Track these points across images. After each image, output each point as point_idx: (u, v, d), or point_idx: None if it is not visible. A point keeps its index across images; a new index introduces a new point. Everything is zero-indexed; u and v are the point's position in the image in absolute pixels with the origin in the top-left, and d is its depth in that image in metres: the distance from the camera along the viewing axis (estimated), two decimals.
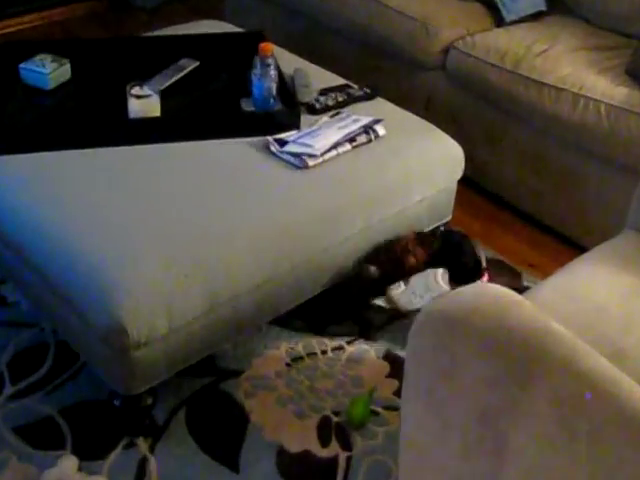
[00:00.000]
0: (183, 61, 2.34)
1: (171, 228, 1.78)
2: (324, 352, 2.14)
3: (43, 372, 2.02)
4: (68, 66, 2.27)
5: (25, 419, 1.90)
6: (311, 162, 2.01)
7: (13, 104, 2.16)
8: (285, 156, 2.02)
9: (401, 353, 2.13)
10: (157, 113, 2.12)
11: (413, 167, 2.15)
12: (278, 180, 1.96)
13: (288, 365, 2.09)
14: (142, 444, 1.85)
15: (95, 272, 1.67)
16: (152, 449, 1.84)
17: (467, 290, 1.16)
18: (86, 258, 1.70)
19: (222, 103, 2.21)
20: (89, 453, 1.82)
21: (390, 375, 2.10)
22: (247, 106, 2.18)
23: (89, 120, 2.14)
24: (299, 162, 2.01)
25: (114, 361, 1.72)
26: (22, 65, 2.24)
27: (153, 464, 1.80)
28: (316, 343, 2.17)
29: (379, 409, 2.00)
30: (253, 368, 2.07)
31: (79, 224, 1.77)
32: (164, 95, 2.18)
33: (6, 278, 2.22)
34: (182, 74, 2.28)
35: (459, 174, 2.31)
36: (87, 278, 1.68)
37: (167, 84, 2.22)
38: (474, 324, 1.06)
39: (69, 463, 1.76)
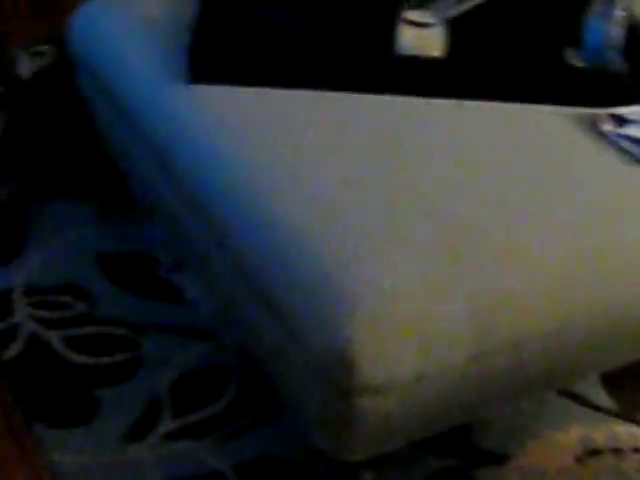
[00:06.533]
0: None
1: (444, 214, 1.69)
2: (638, 450, 1.98)
3: (219, 408, 1.98)
4: None
5: (184, 471, 1.86)
6: None
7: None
8: (623, 141, 1.86)
9: None
10: (438, 52, 1.99)
11: None
12: (608, 176, 1.83)
13: (578, 460, 1.96)
14: None
15: (321, 268, 1.59)
16: None
17: None
18: (309, 245, 1.64)
19: (535, 50, 2.08)
20: None
21: None
22: (574, 59, 2.04)
23: (337, 52, 2.01)
24: None
25: (329, 407, 1.63)
26: None
27: None
28: (626, 434, 2.01)
29: None
30: (527, 455, 1.95)
31: (302, 194, 1.74)
32: (451, 27, 2.05)
33: (183, 261, 2.23)
34: (477, 0, 2.15)
35: None
36: (308, 275, 1.59)
37: (456, 12, 2.10)
38: None
39: None
